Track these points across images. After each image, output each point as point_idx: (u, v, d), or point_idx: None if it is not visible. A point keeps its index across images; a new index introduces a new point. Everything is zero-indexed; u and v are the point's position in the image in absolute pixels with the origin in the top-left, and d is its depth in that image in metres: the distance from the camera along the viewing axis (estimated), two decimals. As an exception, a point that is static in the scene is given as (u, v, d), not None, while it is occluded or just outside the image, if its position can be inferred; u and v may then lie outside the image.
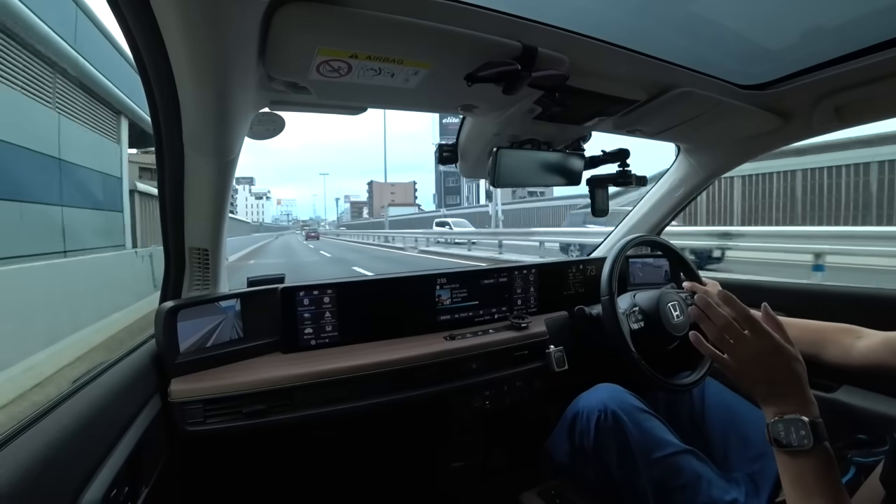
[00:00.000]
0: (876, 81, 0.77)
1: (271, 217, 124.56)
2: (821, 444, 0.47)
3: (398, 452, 1.19)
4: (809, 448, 0.47)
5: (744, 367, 0.52)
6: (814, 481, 0.46)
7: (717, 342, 0.54)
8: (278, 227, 64.57)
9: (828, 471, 0.47)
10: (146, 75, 0.58)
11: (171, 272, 0.86)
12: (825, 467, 0.47)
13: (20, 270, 3.36)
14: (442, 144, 1.00)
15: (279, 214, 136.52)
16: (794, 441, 0.48)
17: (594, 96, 0.80)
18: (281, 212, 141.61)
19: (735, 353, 0.53)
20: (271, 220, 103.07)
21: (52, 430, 0.47)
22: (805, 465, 0.47)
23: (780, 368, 0.51)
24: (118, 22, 0.51)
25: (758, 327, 0.52)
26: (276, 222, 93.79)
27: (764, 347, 0.51)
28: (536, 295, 1.27)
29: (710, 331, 0.54)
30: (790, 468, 0.48)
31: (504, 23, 0.59)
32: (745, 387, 0.54)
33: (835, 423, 0.89)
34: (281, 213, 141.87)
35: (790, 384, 0.51)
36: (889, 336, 0.70)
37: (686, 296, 1.02)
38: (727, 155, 1.21)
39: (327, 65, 0.58)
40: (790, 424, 0.48)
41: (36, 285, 3.45)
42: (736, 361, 0.53)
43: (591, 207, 1.14)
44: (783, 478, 0.49)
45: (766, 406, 0.51)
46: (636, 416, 0.79)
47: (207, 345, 0.86)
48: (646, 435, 0.77)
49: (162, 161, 0.71)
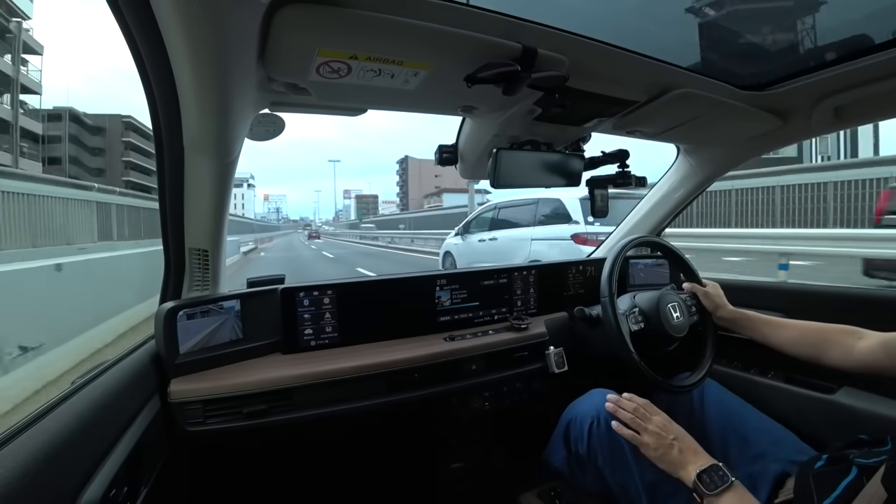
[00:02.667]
0: (875, 82, 0.77)
1: (257, 215, 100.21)
2: (735, 480, 0.62)
3: (398, 453, 1.19)
4: (731, 483, 0.61)
5: (657, 439, 0.70)
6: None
7: (632, 425, 0.74)
8: (264, 227, 46.49)
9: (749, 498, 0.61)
10: (146, 77, 0.58)
11: (171, 273, 0.86)
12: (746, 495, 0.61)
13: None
14: (442, 146, 1.00)
15: (266, 212, 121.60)
16: (719, 481, 0.62)
17: (594, 97, 0.80)
18: (269, 209, 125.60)
19: (648, 430, 0.72)
20: (257, 217, 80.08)
21: (51, 430, 0.47)
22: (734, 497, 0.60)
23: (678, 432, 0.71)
24: (118, 23, 0.51)
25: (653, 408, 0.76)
26: (263, 220, 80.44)
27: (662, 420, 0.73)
28: (536, 296, 1.27)
29: (626, 418, 0.75)
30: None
31: (504, 24, 0.59)
32: (663, 457, 0.69)
33: (835, 424, 0.89)
34: (269, 209, 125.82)
35: (690, 443, 0.70)
36: (886, 337, 0.70)
37: (686, 297, 1.02)
38: (727, 156, 1.21)
39: (327, 66, 0.58)
40: (711, 470, 0.64)
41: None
42: (650, 436, 0.71)
43: (591, 208, 1.14)
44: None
45: (684, 468, 0.66)
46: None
47: (207, 345, 0.86)
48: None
49: (162, 162, 0.71)
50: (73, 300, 3.58)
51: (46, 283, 3.37)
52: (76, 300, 3.64)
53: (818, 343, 0.79)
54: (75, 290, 3.66)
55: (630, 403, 0.77)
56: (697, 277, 1.07)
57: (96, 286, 4.08)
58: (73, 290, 3.62)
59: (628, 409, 0.76)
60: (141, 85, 0.60)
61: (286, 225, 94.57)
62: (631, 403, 0.77)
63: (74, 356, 3.22)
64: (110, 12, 0.49)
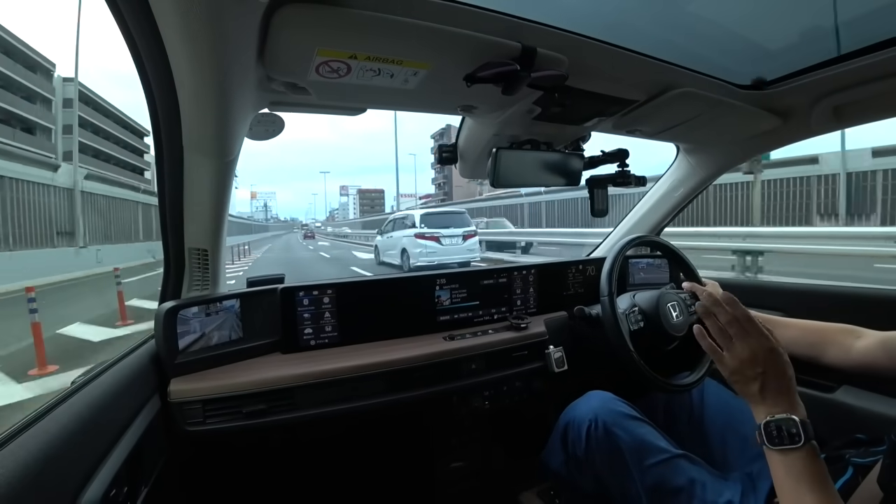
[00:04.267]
0: (874, 81, 0.77)
1: (241, 213, 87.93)
2: (809, 443, 0.50)
3: (398, 452, 1.19)
4: (800, 445, 0.49)
5: (740, 366, 0.55)
6: (805, 477, 0.49)
7: (719, 338, 0.57)
8: (245, 227, 38.37)
9: (817, 467, 0.49)
10: (146, 76, 0.58)
11: (170, 272, 0.86)
12: (814, 463, 0.49)
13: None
14: (441, 145, 1.00)
15: (254, 211, 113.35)
16: (786, 439, 0.50)
17: (593, 96, 0.80)
18: (256, 207, 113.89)
19: (734, 350, 0.56)
20: (241, 216, 66.13)
21: (51, 430, 0.47)
22: (796, 462, 0.49)
23: (773, 369, 0.54)
24: (117, 23, 0.51)
25: (756, 329, 0.55)
26: (250, 218, 71.15)
27: (761, 348, 0.55)
28: (536, 295, 1.27)
29: (713, 327, 0.58)
30: (781, 465, 0.50)
31: (503, 23, 0.59)
32: (738, 385, 0.56)
33: (834, 423, 0.89)
34: (256, 208, 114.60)
35: (781, 385, 0.54)
36: (885, 336, 0.70)
37: (685, 296, 1.02)
38: (726, 155, 1.21)
39: (326, 65, 0.58)
40: (782, 423, 0.51)
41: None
42: (733, 359, 0.56)
43: (591, 207, 1.14)
44: (774, 476, 0.51)
45: (757, 406, 0.54)
46: (627, 423, 0.79)
47: (207, 345, 0.86)
48: (637, 442, 0.77)
49: (161, 162, 0.71)
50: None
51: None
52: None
53: (817, 342, 0.80)
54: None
55: (729, 310, 0.57)
56: (697, 276, 1.07)
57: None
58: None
59: (721, 320, 0.57)
60: (140, 85, 0.60)
61: (275, 225, 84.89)
62: (731, 311, 0.57)
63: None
64: (109, 12, 0.49)
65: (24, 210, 12.01)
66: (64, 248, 12.22)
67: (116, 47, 5.87)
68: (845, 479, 0.58)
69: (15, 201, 11.61)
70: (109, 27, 0.56)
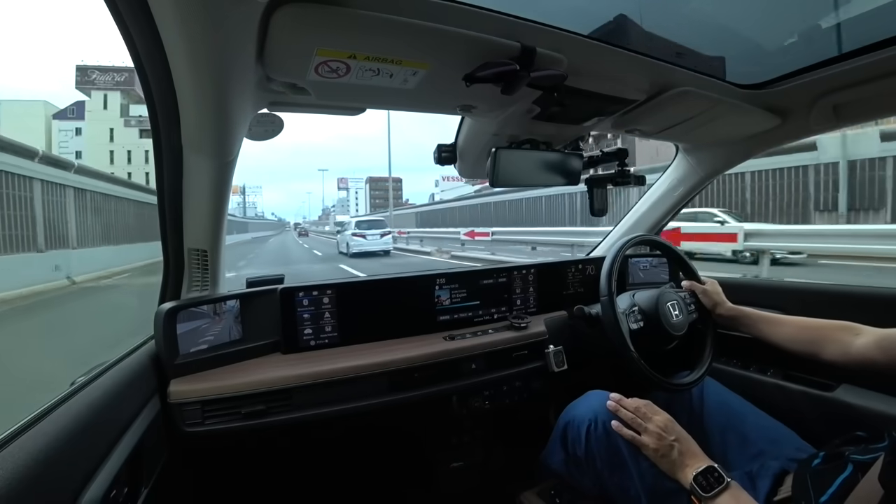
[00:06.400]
0: (874, 80, 0.77)
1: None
2: (730, 481, 0.63)
3: (398, 453, 1.19)
4: (726, 484, 0.63)
5: (658, 440, 0.71)
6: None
7: (633, 425, 0.74)
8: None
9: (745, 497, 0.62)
10: (145, 76, 0.58)
11: (170, 273, 0.86)
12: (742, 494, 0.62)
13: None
14: (441, 145, 1.00)
15: (235, 206, 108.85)
16: (715, 483, 0.63)
17: (592, 96, 0.80)
18: (237, 202, 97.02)
19: (648, 430, 0.72)
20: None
21: (51, 431, 0.47)
22: (729, 501, 0.62)
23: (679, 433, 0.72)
24: (116, 23, 0.51)
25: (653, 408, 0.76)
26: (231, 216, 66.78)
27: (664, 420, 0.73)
28: (536, 295, 1.27)
29: (625, 418, 0.76)
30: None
31: (502, 23, 0.59)
32: (664, 460, 0.70)
33: (834, 421, 0.89)
34: (237, 203, 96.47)
35: (690, 445, 0.70)
36: (883, 334, 0.70)
37: (685, 295, 1.02)
38: (726, 154, 1.21)
39: (326, 65, 0.58)
40: (707, 473, 0.65)
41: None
42: (651, 436, 0.72)
43: (590, 207, 1.14)
44: None
45: (682, 470, 0.67)
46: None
47: (207, 345, 0.86)
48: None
49: (161, 162, 0.71)
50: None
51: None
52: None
53: (816, 339, 0.80)
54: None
55: (632, 403, 0.78)
56: (696, 275, 1.07)
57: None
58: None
59: (629, 409, 0.76)
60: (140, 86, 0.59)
61: (259, 223, 64.48)
62: (633, 403, 0.78)
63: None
64: (108, 12, 0.49)
65: None
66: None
67: (116, 47, 5.79)
68: (845, 476, 0.58)
69: None
70: (109, 27, 0.56)
